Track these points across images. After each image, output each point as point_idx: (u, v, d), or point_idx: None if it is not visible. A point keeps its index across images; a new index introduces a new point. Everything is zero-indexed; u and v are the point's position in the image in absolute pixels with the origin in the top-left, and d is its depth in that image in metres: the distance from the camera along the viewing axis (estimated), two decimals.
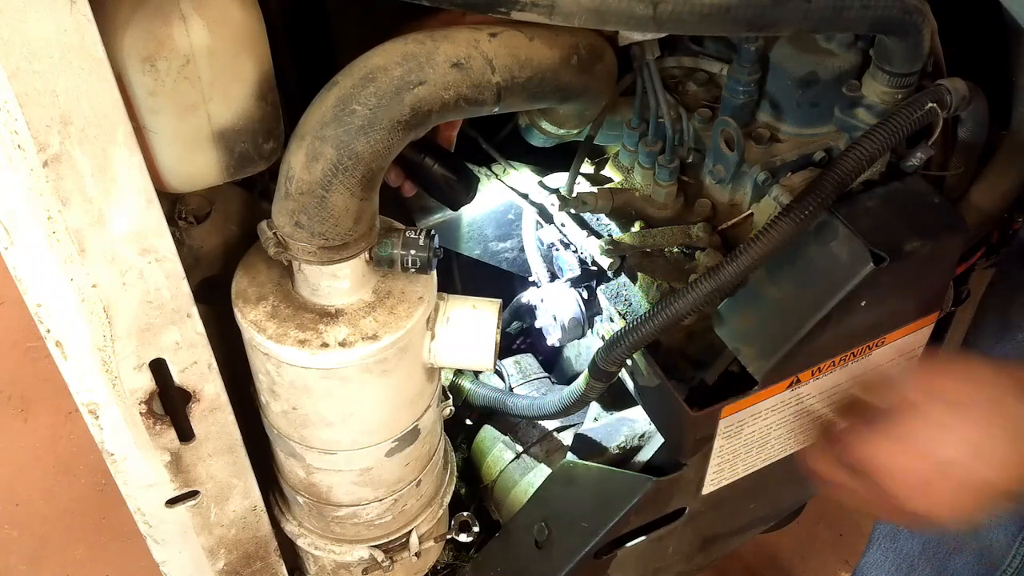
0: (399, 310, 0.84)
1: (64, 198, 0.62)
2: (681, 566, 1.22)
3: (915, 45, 0.84)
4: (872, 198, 0.88)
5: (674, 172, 0.96)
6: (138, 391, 0.77)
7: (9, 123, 0.57)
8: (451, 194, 0.98)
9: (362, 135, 0.73)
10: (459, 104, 0.76)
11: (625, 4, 0.71)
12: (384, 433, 0.91)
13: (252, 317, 0.82)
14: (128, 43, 0.66)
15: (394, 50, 0.74)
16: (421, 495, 1.05)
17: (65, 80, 0.57)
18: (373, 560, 1.05)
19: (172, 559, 0.96)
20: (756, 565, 1.73)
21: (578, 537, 1.05)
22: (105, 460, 0.81)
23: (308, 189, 0.74)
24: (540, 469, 1.21)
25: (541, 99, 0.85)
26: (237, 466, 0.90)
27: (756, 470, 1.04)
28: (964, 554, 1.12)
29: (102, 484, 1.80)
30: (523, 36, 0.79)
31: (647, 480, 0.98)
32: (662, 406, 0.95)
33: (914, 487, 0.72)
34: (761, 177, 0.90)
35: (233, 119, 0.74)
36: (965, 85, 0.87)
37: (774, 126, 0.93)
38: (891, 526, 1.19)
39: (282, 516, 1.06)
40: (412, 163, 0.95)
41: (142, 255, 0.69)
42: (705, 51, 1.00)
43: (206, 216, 0.88)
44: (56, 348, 0.71)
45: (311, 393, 0.85)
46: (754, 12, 0.74)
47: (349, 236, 0.78)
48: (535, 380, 1.28)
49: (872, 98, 0.89)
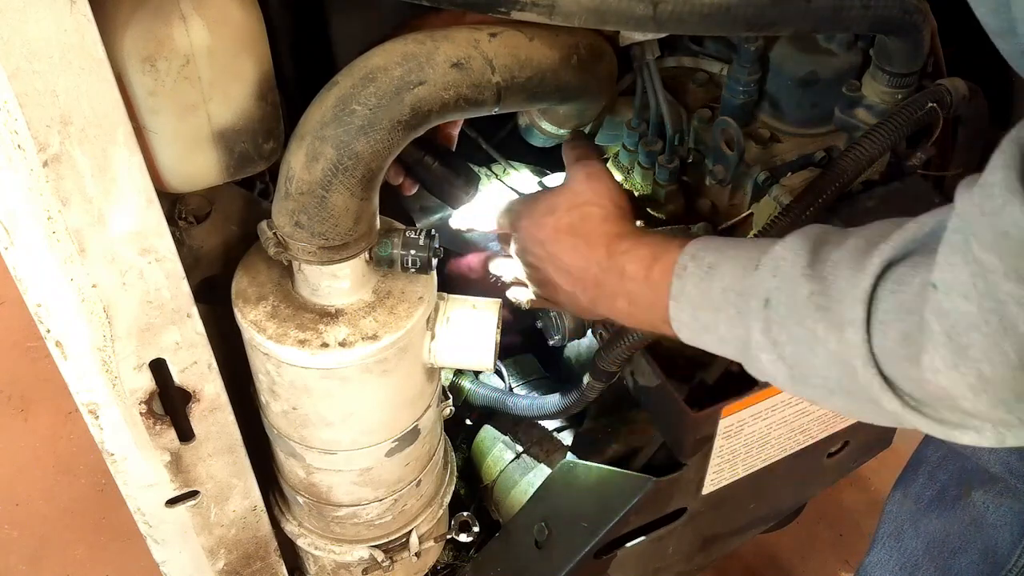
0: (399, 310, 0.84)
1: (64, 198, 0.62)
2: (681, 566, 1.22)
3: (915, 45, 0.84)
4: (872, 198, 0.88)
5: (674, 172, 0.96)
6: (138, 391, 0.77)
7: (9, 123, 0.57)
8: (451, 192, 0.98)
9: (362, 135, 0.73)
10: (459, 104, 0.76)
11: (625, 4, 0.71)
12: (384, 433, 0.91)
13: (252, 317, 0.82)
14: (128, 43, 0.66)
15: (394, 50, 0.74)
16: (421, 495, 1.05)
17: (65, 80, 0.57)
18: (373, 560, 1.05)
19: (172, 559, 0.96)
20: (756, 565, 1.72)
21: (578, 537, 1.05)
22: (105, 460, 0.81)
23: (308, 189, 0.74)
24: (540, 469, 1.20)
25: (541, 99, 0.85)
26: (237, 466, 0.90)
27: (756, 470, 1.04)
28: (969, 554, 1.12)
29: (102, 484, 1.80)
30: (523, 36, 0.79)
31: (647, 480, 0.98)
32: (662, 406, 0.95)
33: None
34: (761, 177, 0.90)
35: (233, 119, 0.74)
36: (965, 85, 0.87)
37: (774, 126, 0.93)
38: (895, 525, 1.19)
39: (282, 516, 1.06)
40: (412, 161, 0.95)
41: (142, 255, 0.69)
42: (705, 51, 1.00)
43: (206, 216, 0.88)
44: (56, 348, 0.71)
45: (311, 393, 0.85)
46: (754, 12, 0.74)
47: (349, 236, 0.78)
48: (535, 380, 1.28)
49: (872, 98, 0.89)
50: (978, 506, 1.11)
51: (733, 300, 0.68)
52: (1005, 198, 0.48)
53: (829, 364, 0.61)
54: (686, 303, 0.72)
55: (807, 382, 0.65)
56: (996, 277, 0.49)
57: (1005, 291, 0.49)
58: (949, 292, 0.52)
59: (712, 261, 0.71)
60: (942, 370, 0.53)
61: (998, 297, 0.49)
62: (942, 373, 0.53)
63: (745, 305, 0.67)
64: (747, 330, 0.67)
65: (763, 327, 0.65)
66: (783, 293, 0.64)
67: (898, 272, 0.57)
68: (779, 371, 0.66)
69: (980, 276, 0.50)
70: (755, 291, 0.66)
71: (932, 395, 0.56)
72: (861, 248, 0.60)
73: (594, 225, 0.82)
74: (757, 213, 0.92)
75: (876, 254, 0.58)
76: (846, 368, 0.60)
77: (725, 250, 0.71)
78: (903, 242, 0.58)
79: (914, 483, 1.19)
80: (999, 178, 0.48)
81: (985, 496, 1.11)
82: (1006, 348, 0.50)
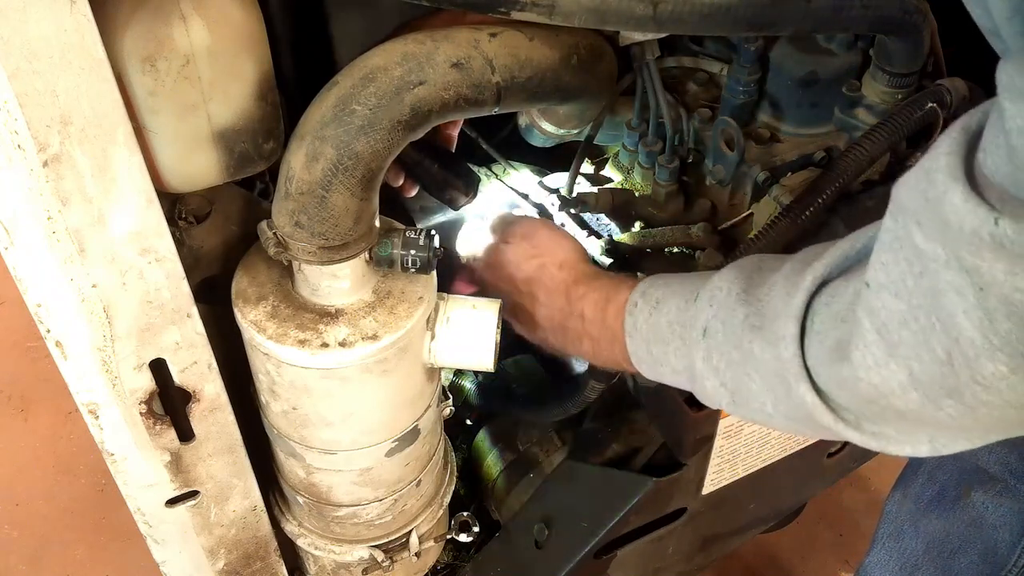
0: (399, 310, 0.84)
1: (64, 198, 0.62)
2: (681, 566, 1.22)
3: (915, 45, 0.84)
4: (872, 198, 0.88)
5: (674, 172, 0.96)
6: (138, 391, 0.77)
7: (9, 123, 0.57)
8: (452, 194, 0.98)
9: (362, 135, 0.73)
10: (459, 104, 0.76)
11: (625, 4, 0.71)
12: (384, 433, 0.91)
13: (252, 317, 0.82)
14: (128, 43, 0.65)
15: (394, 50, 0.74)
16: (421, 495, 1.04)
17: (65, 80, 0.57)
18: (373, 560, 1.05)
19: (172, 559, 0.96)
20: (756, 565, 1.73)
21: (578, 537, 1.05)
22: (105, 460, 0.81)
23: (308, 189, 0.74)
24: (540, 469, 1.20)
25: (541, 99, 0.85)
26: (237, 466, 0.90)
27: (756, 470, 1.04)
28: (968, 554, 1.12)
29: (102, 484, 1.80)
30: (523, 36, 0.79)
31: (647, 480, 0.98)
32: (662, 406, 0.95)
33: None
34: (761, 177, 0.90)
35: (233, 119, 0.74)
36: (965, 85, 0.87)
37: (774, 126, 0.93)
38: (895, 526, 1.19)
39: (282, 516, 1.06)
40: (413, 162, 0.95)
41: (142, 255, 0.69)
42: (705, 51, 1.00)
43: (206, 216, 0.88)
44: (56, 348, 0.71)
45: (311, 393, 0.85)
46: (754, 12, 0.74)
47: (349, 236, 0.78)
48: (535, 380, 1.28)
49: (872, 98, 0.89)
50: (977, 506, 1.11)
51: (678, 332, 0.71)
52: (947, 184, 0.47)
53: (764, 386, 0.63)
54: (639, 339, 0.76)
55: (748, 405, 0.67)
56: (937, 266, 0.48)
57: (946, 280, 0.48)
58: (880, 290, 0.52)
59: (659, 296, 0.75)
60: (872, 367, 0.54)
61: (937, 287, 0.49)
62: (873, 370, 0.54)
63: (688, 335, 0.70)
64: (691, 360, 0.70)
65: (704, 355, 0.68)
66: (719, 321, 0.66)
67: (832, 286, 0.59)
68: (722, 397, 0.69)
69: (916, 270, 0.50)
70: (695, 322, 0.69)
71: (864, 397, 0.56)
72: (796, 270, 0.62)
73: (551, 273, 0.86)
74: (757, 213, 0.92)
75: (809, 272, 0.60)
76: (781, 385, 0.61)
77: (671, 284, 0.75)
78: (836, 259, 0.60)
79: (914, 483, 1.19)
80: (943, 164, 0.48)
81: (984, 496, 1.11)
82: (934, 344, 0.50)
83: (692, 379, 0.71)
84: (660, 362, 0.74)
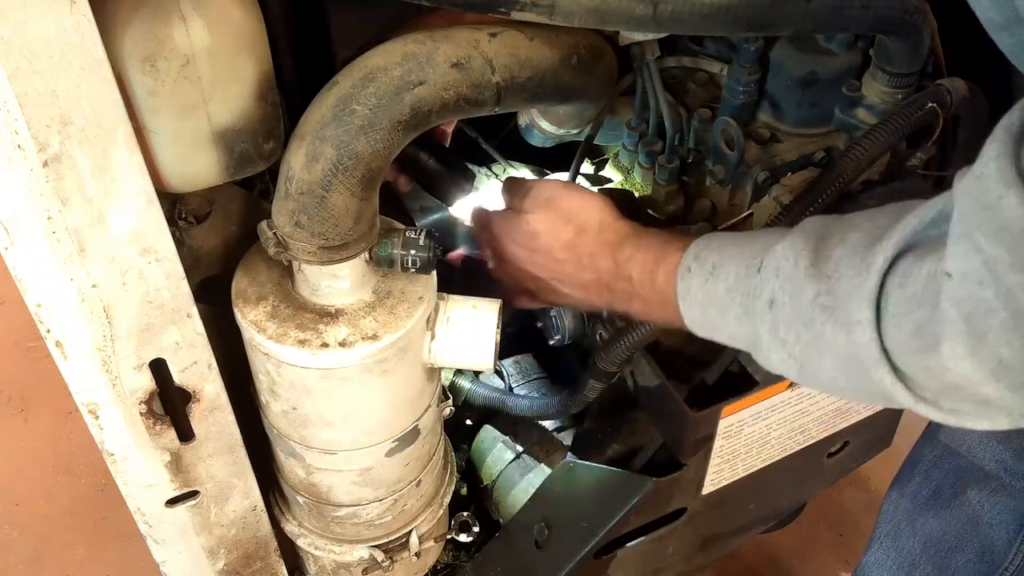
0: (399, 310, 0.84)
1: (64, 198, 0.62)
2: (681, 566, 1.22)
3: (915, 45, 0.84)
4: (872, 198, 0.88)
5: (674, 172, 0.96)
6: (138, 391, 0.77)
7: (9, 123, 0.57)
8: (446, 189, 0.98)
9: (362, 135, 0.73)
10: (459, 104, 0.76)
11: (625, 4, 0.71)
12: (384, 433, 0.91)
13: (252, 317, 0.82)
14: (128, 43, 0.65)
15: (394, 50, 0.74)
16: (421, 495, 1.05)
17: (65, 80, 0.57)
18: (373, 560, 1.05)
19: (172, 559, 0.96)
20: (756, 565, 1.73)
21: (578, 537, 1.05)
22: (105, 460, 0.81)
23: (308, 189, 0.74)
24: (540, 469, 1.20)
25: (541, 99, 0.85)
26: (237, 466, 0.90)
27: (756, 470, 1.04)
28: (965, 552, 1.12)
29: (102, 484, 1.80)
30: (523, 36, 0.79)
31: (647, 480, 0.98)
32: (662, 406, 0.95)
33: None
34: (761, 177, 0.90)
35: (233, 119, 0.74)
36: (965, 85, 0.87)
37: (774, 126, 0.93)
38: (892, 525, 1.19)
39: (282, 516, 1.06)
40: (408, 158, 0.95)
41: (142, 255, 0.69)
42: (705, 51, 1.00)
43: (206, 216, 0.88)
44: (56, 348, 0.71)
45: (311, 393, 0.85)
46: (754, 12, 0.74)
47: (349, 236, 0.78)
48: (535, 380, 1.28)
49: (872, 98, 0.89)
50: (974, 504, 1.11)
51: (739, 300, 0.69)
52: (1000, 191, 0.48)
53: (838, 363, 0.62)
54: (694, 303, 0.74)
55: (818, 379, 0.66)
56: (1003, 268, 0.49)
57: (1013, 281, 0.49)
58: (964, 280, 0.52)
59: (715, 261, 0.72)
60: (963, 357, 0.53)
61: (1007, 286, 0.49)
62: (963, 360, 0.54)
63: (751, 305, 0.68)
64: (755, 330, 0.68)
65: (770, 328, 0.66)
66: (787, 295, 0.65)
67: (904, 265, 0.58)
68: (790, 369, 0.68)
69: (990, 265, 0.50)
70: (760, 292, 0.67)
71: (949, 384, 0.56)
72: (864, 243, 0.60)
73: (591, 237, 0.85)
74: (757, 213, 0.92)
75: (879, 251, 0.58)
76: (856, 367, 0.60)
77: (725, 247, 0.73)
78: (904, 235, 0.58)
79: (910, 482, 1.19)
80: (993, 169, 0.48)
81: (981, 494, 1.11)
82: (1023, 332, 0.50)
83: (755, 348, 0.70)
84: (716, 328, 0.74)
